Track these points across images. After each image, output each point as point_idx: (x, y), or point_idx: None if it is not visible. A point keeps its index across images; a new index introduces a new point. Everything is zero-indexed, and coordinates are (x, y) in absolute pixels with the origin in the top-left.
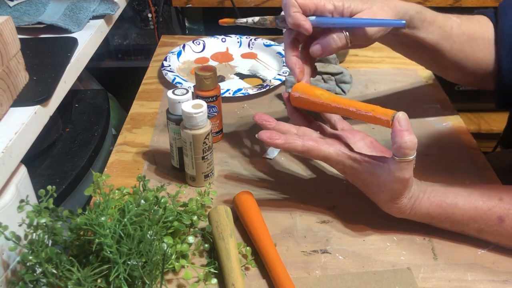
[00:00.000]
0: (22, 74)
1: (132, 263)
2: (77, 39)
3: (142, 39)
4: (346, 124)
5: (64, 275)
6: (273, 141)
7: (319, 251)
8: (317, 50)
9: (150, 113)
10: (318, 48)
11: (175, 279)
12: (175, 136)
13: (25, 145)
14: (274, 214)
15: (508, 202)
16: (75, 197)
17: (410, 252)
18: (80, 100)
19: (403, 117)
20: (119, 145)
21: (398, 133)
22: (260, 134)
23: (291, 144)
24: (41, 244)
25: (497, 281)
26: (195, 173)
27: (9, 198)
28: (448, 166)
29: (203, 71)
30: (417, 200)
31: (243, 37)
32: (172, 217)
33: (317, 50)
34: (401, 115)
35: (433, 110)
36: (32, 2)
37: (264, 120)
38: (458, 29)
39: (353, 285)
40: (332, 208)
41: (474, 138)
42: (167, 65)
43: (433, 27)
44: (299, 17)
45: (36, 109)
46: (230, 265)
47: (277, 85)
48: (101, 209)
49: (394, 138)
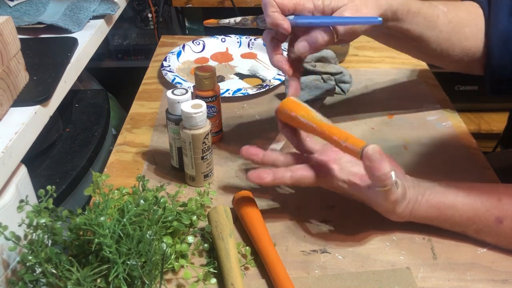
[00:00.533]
0: (22, 74)
1: (131, 263)
2: (77, 39)
3: (142, 39)
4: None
5: (64, 275)
6: (263, 181)
7: (319, 251)
8: (303, 47)
9: (150, 113)
10: (304, 45)
11: (174, 279)
12: (174, 136)
13: (25, 145)
14: (273, 214)
15: (507, 203)
16: (75, 197)
17: (410, 252)
18: (80, 100)
19: (371, 152)
20: (119, 145)
21: (368, 170)
22: (249, 176)
23: (280, 180)
24: (41, 244)
25: (497, 280)
26: (195, 173)
27: (9, 198)
28: (448, 166)
29: (202, 71)
30: (416, 204)
31: (243, 37)
32: (171, 217)
33: (303, 47)
34: (370, 149)
35: (433, 110)
36: (32, 2)
37: (251, 155)
38: (445, 18)
39: (352, 285)
40: (332, 208)
41: (474, 138)
42: (166, 65)
43: (418, 18)
44: (277, 16)
45: (36, 109)
46: (229, 265)
47: (277, 85)
48: (101, 209)
49: (367, 173)
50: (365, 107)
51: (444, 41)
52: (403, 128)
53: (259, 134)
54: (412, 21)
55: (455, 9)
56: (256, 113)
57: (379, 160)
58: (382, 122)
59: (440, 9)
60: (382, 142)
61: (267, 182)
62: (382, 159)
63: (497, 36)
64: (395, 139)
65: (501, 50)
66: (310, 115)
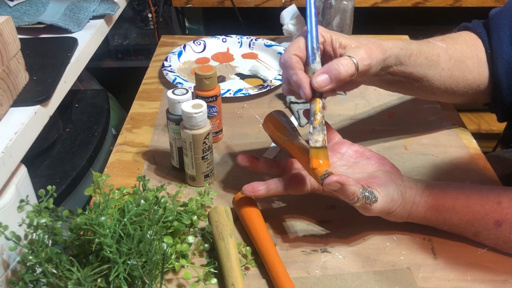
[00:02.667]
0: (22, 74)
1: (132, 263)
2: (77, 39)
3: (142, 39)
4: (335, 134)
5: (64, 275)
6: (256, 193)
7: (319, 251)
8: (324, 82)
9: (150, 113)
10: (326, 79)
11: (175, 279)
12: (175, 136)
13: (25, 145)
14: (274, 213)
15: (506, 206)
16: (75, 197)
17: (410, 252)
18: (80, 100)
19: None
20: (119, 145)
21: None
22: (244, 189)
23: (274, 190)
24: (41, 244)
25: (497, 280)
26: (195, 173)
27: (9, 198)
28: (448, 166)
29: (203, 71)
30: (414, 205)
31: (244, 37)
32: (172, 217)
33: (324, 81)
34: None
35: (433, 110)
36: (32, 2)
37: (247, 162)
38: (445, 54)
39: (353, 285)
40: (332, 208)
41: (474, 138)
42: (167, 65)
43: (420, 59)
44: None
45: (36, 109)
46: (230, 265)
47: (278, 85)
48: (101, 209)
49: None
50: (365, 107)
51: (447, 78)
52: (403, 128)
53: (259, 134)
54: (415, 63)
55: (454, 44)
56: (257, 114)
57: (339, 185)
58: (382, 122)
59: (440, 46)
60: (382, 142)
61: (261, 195)
62: (343, 186)
63: (503, 67)
64: (395, 139)
65: (509, 80)
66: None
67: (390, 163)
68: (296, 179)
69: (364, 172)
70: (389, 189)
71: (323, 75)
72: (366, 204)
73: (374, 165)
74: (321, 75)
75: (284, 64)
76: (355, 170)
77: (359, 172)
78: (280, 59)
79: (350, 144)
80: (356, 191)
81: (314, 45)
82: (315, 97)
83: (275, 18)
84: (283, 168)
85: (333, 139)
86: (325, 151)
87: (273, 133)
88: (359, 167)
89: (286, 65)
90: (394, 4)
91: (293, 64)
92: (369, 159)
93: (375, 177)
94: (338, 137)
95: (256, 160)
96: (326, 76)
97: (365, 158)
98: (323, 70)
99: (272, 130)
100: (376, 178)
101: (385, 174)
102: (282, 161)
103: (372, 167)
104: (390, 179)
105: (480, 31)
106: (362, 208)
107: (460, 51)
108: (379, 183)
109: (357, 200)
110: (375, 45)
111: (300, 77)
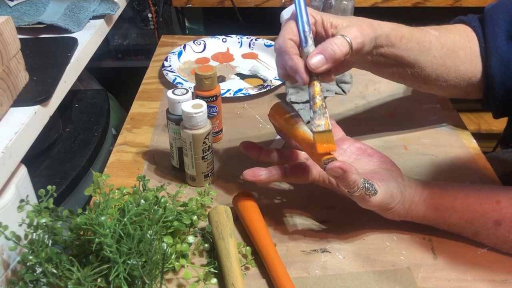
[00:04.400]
0: (22, 74)
1: (132, 263)
2: (77, 39)
3: (142, 39)
4: (339, 130)
5: (64, 274)
6: (257, 178)
7: (319, 251)
8: (320, 62)
9: (150, 113)
10: (321, 59)
11: (175, 278)
12: (175, 136)
13: (25, 145)
14: (274, 213)
15: (506, 205)
16: (75, 197)
17: (410, 252)
18: (80, 100)
19: (330, 172)
20: (119, 145)
21: (336, 181)
22: (244, 174)
23: (275, 177)
24: (41, 244)
25: (497, 280)
26: (195, 173)
27: (9, 198)
28: (448, 166)
29: (203, 71)
30: (413, 204)
31: (244, 37)
32: (172, 216)
33: (319, 62)
34: (329, 168)
35: (433, 110)
36: (32, 2)
37: (249, 149)
38: (438, 42)
39: (353, 285)
40: (332, 207)
41: (474, 138)
42: (167, 65)
43: (412, 43)
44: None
45: (36, 109)
46: (230, 265)
47: (278, 85)
48: (101, 209)
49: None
50: (365, 107)
51: (438, 66)
52: (403, 128)
53: (260, 134)
54: (406, 47)
55: (447, 33)
56: (257, 114)
57: (341, 171)
58: (382, 122)
59: (432, 34)
60: (382, 142)
61: (262, 180)
62: (345, 173)
63: (497, 62)
64: (395, 139)
65: (503, 75)
66: (285, 126)
67: (392, 161)
68: (299, 167)
69: (366, 169)
70: (390, 185)
71: (318, 56)
72: (365, 195)
73: (375, 162)
74: (316, 56)
75: (279, 50)
76: (357, 166)
77: (360, 169)
78: (275, 44)
79: (353, 141)
80: (357, 179)
81: (306, 28)
82: (312, 80)
83: (275, 18)
84: (287, 157)
85: (337, 135)
86: (329, 134)
87: (278, 122)
88: (360, 164)
89: (281, 51)
90: (394, 4)
91: (288, 49)
92: (371, 156)
93: (377, 173)
94: (341, 134)
95: (259, 148)
96: (321, 56)
97: (367, 156)
98: (317, 50)
99: (277, 119)
100: (378, 173)
101: (386, 171)
102: (286, 151)
103: (373, 165)
104: (391, 176)
105: (474, 25)
106: (360, 199)
107: (453, 40)
108: (380, 178)
109: (357, 189)
110: (365, 23)
111: (296, 61)
